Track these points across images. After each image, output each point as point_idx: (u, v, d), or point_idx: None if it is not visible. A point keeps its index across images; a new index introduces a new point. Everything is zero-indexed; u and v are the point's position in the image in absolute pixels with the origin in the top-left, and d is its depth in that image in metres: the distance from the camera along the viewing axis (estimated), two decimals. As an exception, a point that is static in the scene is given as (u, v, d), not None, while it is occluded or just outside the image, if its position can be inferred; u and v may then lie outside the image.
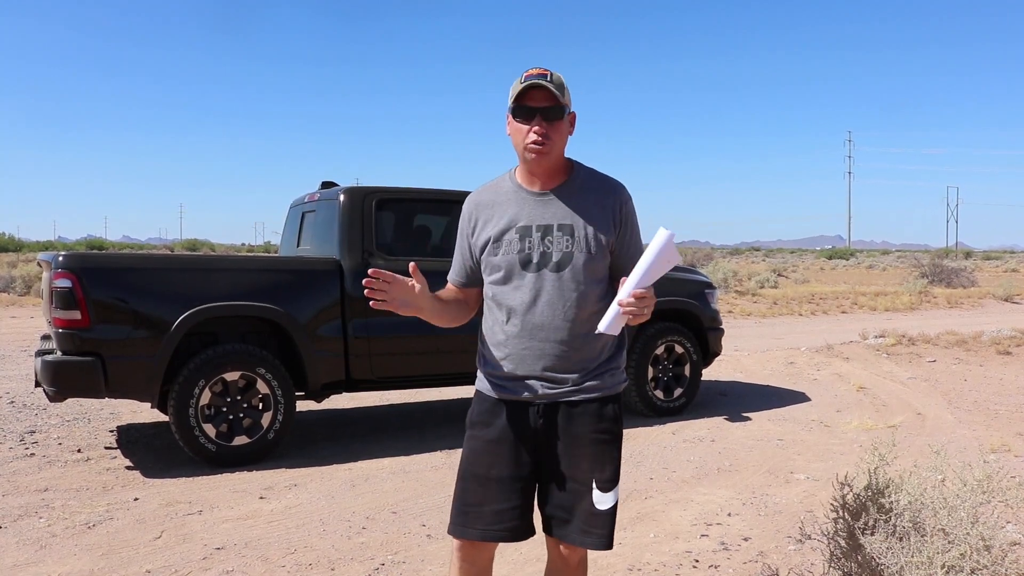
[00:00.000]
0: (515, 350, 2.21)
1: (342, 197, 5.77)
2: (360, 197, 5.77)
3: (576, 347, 2.19)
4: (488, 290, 2.28)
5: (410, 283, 2.14)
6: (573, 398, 2.21)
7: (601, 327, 2.05)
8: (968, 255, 76.27)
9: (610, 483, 2.22)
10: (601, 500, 2.20)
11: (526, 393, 2.22)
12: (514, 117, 2.16)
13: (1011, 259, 65.88)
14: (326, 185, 6.43)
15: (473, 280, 2.34)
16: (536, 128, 2.13)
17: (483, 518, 2.22)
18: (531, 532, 2.28)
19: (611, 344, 2.27)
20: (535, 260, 2.19)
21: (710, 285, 7.29)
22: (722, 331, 7.33)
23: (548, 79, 2.12)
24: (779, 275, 30.01)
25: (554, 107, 2.13)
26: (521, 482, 2.24)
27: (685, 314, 7.01)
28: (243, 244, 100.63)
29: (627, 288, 2.00)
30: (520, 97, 2.13)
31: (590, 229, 2.18)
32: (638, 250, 2.23)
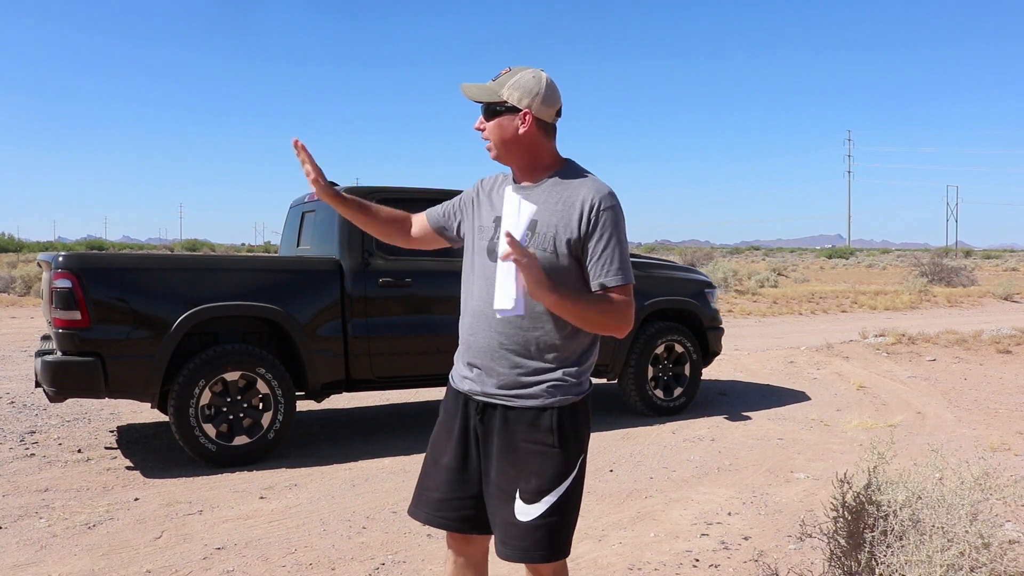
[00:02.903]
0: (466, 338, 2.20)
1: (342, 197, 5.77)
2: (360, 197, 5.77)
3: (521, 341, 2.10)
4: (462, 282, 2.28)
5: (306, 169, 2.40)
6: (509, 403, 2.12)
7: (497, 304, 2.01)
8: (968, 254, 76.36)
9: (536, 495, 2.08)
10: (523, 511, 2.08)
11: (470, 385, 2.20)
12: None
13: (1011, 258, 65.93)
14: (326, 185, 6.43)
15: (438, 228, 2.42)
16: (477, 124, 2.21)
17: (430, 503, 2.23)
18: (488, 528, 2.22)
19: (569, 352, 2.13)
20: (497, 250, 2.14)
21: (710, 284, 7.29)
22: (722, 330, 7.34)
23: (496, 78, 2.16)
24: (779, 274, 30.05)
25: (486, 105, 2.17)
26: (469, 474, 2.19)
27: (685, 313, 7.01)
28: (243, 244, 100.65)
29: (502, 248, 1.97)
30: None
31: (553, 227, 2.09)
32: (611, 258, 2.08)
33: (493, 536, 2.18)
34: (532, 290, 1.95)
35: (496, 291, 2.02)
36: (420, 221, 2.49)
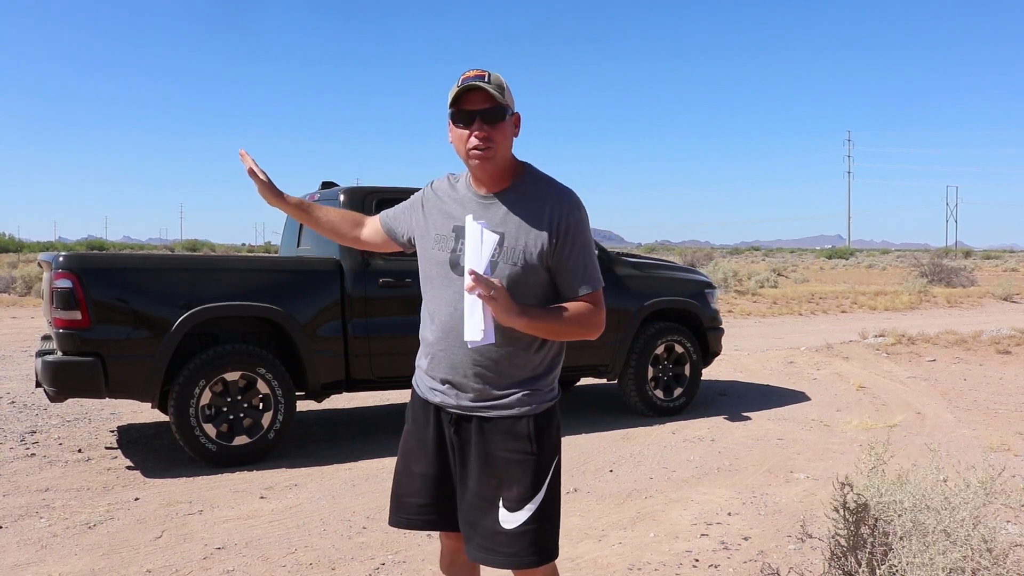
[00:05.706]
0: (435, 352, 2.18)
1: (342, 197, 5.77)
2: (360, 197, 5.77)
3: (494, 358, 2.10)
4: (421, 285, 2.25)
5: (257, 181, 2.37)
6: (484, 413, 2.12)
7: (467, 336, 1.94)
8: (968, 254, 76.42)
9: (519, 503, 2.10)
10: (507, 519, 2.09)
11: (442, 398, 2.18)
12: (453, 123, 2.08)
13: (1010, 258, 65.97)
14: (326, 185, 6.43)
15: (392, 235, 2.40)
16: (476, 132, 2.03)
17: (409, 508, 2.25)
18: None
19: (539, 363, 2.15)
20: (462, 263, 2.08)
21: (710, 285, 7.29)
22: (722, 331, 7.33)
23: (486, 80, 2.02)
24: (779, 275, 30.04)
25: (494, 108, 2.03)
26: (445, 480, 2.21)
27: (685, 314, 7.01)
28: (243, 244, 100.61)
29: (467, 280, 1.90)
30: (457, 101, 2.05)
31: (522, 240, 2.06)
32: (582, 265, 2.10)
33: (467, 542, 2.17)
34: (502, 319, 1.94)
35: (465, 323, 1.97)
36: (373, 224, 2.46)
